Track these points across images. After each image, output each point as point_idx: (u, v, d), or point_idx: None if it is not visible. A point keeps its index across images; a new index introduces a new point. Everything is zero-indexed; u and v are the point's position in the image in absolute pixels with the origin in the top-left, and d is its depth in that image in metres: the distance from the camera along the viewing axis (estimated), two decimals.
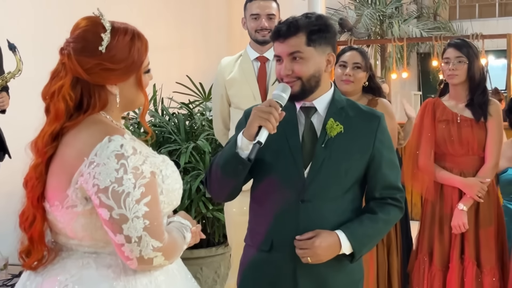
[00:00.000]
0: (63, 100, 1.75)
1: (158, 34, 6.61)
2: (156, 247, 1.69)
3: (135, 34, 1.80)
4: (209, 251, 4.62)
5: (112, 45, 1.74)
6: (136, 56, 1.77)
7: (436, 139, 3.57)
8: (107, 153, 1.66)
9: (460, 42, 3.60)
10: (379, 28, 10.55)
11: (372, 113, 2.31)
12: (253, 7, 3.59)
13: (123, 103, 1.81)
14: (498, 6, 12.76)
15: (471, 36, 7.83)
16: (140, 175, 1.68)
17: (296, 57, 2.17)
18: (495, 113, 3.54)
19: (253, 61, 3.61)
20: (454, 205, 3.50)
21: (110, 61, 1.73)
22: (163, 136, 4.79)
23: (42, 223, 1.79)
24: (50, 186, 1.76)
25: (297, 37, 2.16)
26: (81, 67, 1.73)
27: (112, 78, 1.75)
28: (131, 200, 1.65)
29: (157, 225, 1.69)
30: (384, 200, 2.28)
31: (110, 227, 1.67)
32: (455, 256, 3.47)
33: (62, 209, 1.73)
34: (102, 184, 1.65)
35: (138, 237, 1.66)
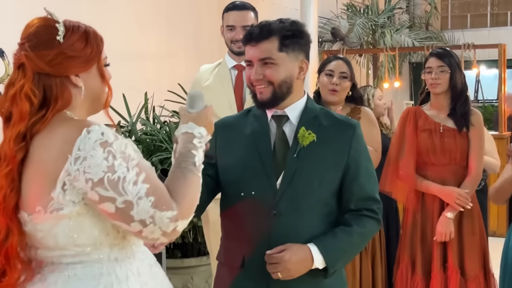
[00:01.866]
0: (26, 98, 1.68)
1: (150, 42, 6.62)
2: (172, 217, 1.62)
3: (88, 28, 1.79)
4: (200, 260, 4.62)
5: (69, 35, 1.72)
6: (94, 45, 1.76)
7: (418, 149, 3.59)
8: (90, 144, 1.61)
9: (442, 52, 3.64)
10: (371, 38, 10.59)
11: (347, 121, 2.24)
12: (230, 18, 3.59)
13: (89, 97, 1.77)
14: (490, 16, 12.84)
15: (462, 46, 7.87)
16: (129, 158, 1.64)
17: (268, 62, 2.12)
18: (477, 123, 3.57)
19: (231, 69, 3.62)
20: (435, 213, 3.52)
21: (70, 49, 1.71)
22: (154, 144, 4.79)
23: (18, 237, 1.68)
24: (28, 193, 1.67)
25: (269, 41, 2.13)
26: (42, 60, 1.69)
27: (75, 67, 1.72)
28: (129, 183, 1.61)
29: (162, 196, 1.63)
30: (359, 211, 2.18)
31: (120, 218, 1.62)
32: (437, 265, 3.48)
33: (45, 214, 1.64)
34: (96, 177, 1.60)
35: (151, 216, 1.61)
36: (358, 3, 11.33)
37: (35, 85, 1.69)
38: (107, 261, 1.72)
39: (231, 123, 2.31)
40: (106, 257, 1.72)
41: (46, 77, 1.70)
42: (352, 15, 10.69)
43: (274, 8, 8.85)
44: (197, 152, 1.76)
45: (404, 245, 3.63)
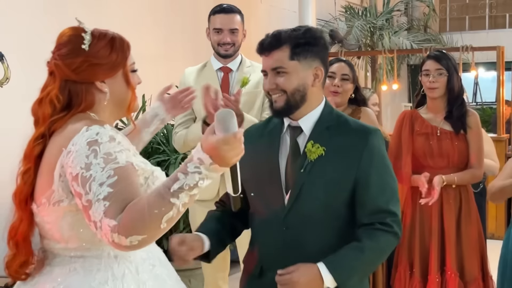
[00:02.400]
0: (50, 103, 1.78)
1: (147, 45, 6.62)
2: (112, 226, 1.58)
3: (115, 35, 1.87)
4: (198, 262, 4.60)
5: (95, 43, 1.80)
6: (119, 52, 1.83)
7: (415, 152, 3.59)
8: (81, 141, 1.67)
9: (439, 54, 3.64)
10: (370, 40, 10.59)
11: (361, 130, 2.18)
12: (216, 21, 3.60)
13: (113, 101, 1.83)
14: (488, 18, 12.85)
15: (461, 48, 7.88)
16: (112, 160, 1.64)
17: (279, 71, 2.12)
18: (474, 124, 3.57)
19: (217, 71, 3.62)
20: (434, 216, 3.52)
21: (95, 57, 1.78)
22: (152, 146, 4.79)
23: (29, 226, 1.78)
24: (38, 186, 1.77)
25: (280, 50, 2.13)
26: (69, 68, 1.78)
27: (100, 73, 1.79)
28: (95, 183, 1.61)
29: (116, 204, 1.60)
30: (372, 225, 2.12)
31: (86, 215, 1.64)
32: (434, 267, 3.48)
33: (49, 207, 1.73)
34: (74, 171, 1.65)
35: (100, 220, 1.60)
36: (356, 5, 11.33)
37: (61, 91, 1.79)
38: (107, 257, 1.78)
39: (253, 133, 2.29)
40: (105, 253, 1.77)
41: (72, 84, 1.79)
42: (351, 17, 10.69)
43: (273, 10, 8.85)
44: (185, 177, 1.59)
45: (402, 248, 3.63)
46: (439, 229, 3.53)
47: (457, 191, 3.56)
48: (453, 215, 3.53)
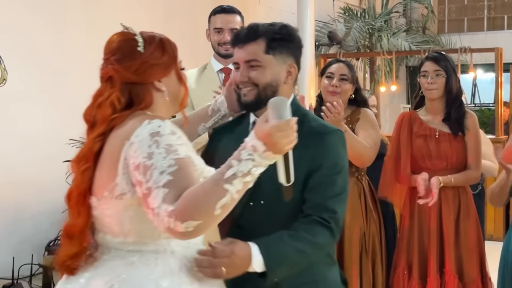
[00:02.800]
0: (110, 105, 1.83)
1: None
2: (169, 211, 1.59)
3: (162, 36, 1.94)
4: None
5: (147, 45, 1.87)
6: (170, 52, 1.91)
7: (414, 154, 3.59)
8: (144, 132, 1.72)
9: (438, 56, 3.63)
10: (368, 41, 10.59)
11: (317, 130, 2.12)
12: (217, 21, 3.60)
13: (170, 98, 1.91)
14: (487, 20, 12.86)
15: (459, 49, 7.89)
16: (173, 152, 1.68)
17: (253, 64, 2.09)
18: (472, 126, 3.57)
19: (218, 72, 3.62)
20: (432, 218, 3.51)
21: (151, 58, 1.86)
22: None
23: (86, 219, 1.82)
24: (98, 179, 1.80)
25: (256, 43, 2.10)
26: (129, 71, 1.84)
27: (157, 73, 1.87)
28: (156, 171, 1.65)
29: (174, 191, 1.62)
30: (310, 217, 2.03)
31: (145, 204, 1.67)
32: (433, 269, 3.48)
33: (111, 200, 1.76)
34: (137, 161, 1.69)
35: (158, 206, 1.62)
36: (355, 6, 11.34)
37: (122, 94, 1.84)
38: (163, 252, 1.80)
39: (223, 130, 2.29)
40: (162, 249, 1.80)
41: (132, 85, 1.86)
42: (349, 18, 10.70)
43: (271, 11, 8.85)
44: (239, 164, 1.62)
45: (401, 250, 3.62)
46: (438, 231, 3.53)
47: (456, 192, 3.56)
48: (451, 216, 3.52)
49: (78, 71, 5.85)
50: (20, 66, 5.27)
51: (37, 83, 5.53)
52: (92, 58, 6.47)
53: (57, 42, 5.75)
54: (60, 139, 5.21)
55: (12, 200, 5.36)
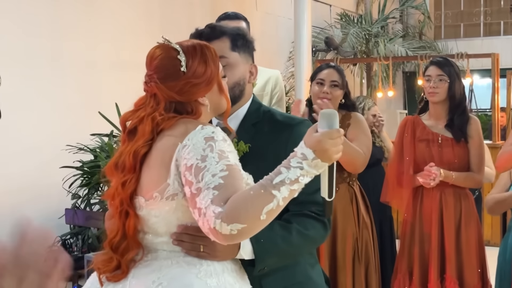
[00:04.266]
0: (152, 121, 1.85)
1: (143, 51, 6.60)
2: (217, 213, 1.61)
3: (202, 46, 1.91)
4: None
5: (190, 63, 1.87)
6: (212, 65, 1.89)
7: (416, 159, 3.58)
8: (198, 136, 1.75)
9: (442, 61, 3.63)
10: (365, 47, 10.61)
11: (286, 122, 2.11)
12: None
13: (212, 109, 1.93)
14: (483, 26, 12.89)
15: (456, 55, 7.90)
16: (225, 158, 1.71)
17: (221, 62, 2.03)
18: (475, 133, 3.57)
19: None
20: (434, 224, 3.50)
21: (195, 77, 1.86)
22: None
23: (136, 220, 1.83)
24: (147, 180, 1.82)
25: (220, 40, 2.09)
26: (172, 91, 1.85)
27: (201, 91, 1.88)
28: (209, 173, 1.67)
29: (224, 194, 1.64)
30: (299, 211, 2.02)
31: (191, 203, 1.70)
32: (434, 275, 3.46)
33: (161, 200, 1.78)
34: (189, 163, 1.71)
35: (206, 207, 1.64)
36: (352, 12, 11.36)
37: (166, 110, 1.86)
38: None
39: None
40: None
41: (178, 103, 1.88)
42: (346, 24, 10.72)
43: (268, 17, 8.86)
44: (287, 171, 1.66)
45: (402, 256, 3.61)
46: (439, 236, 3.52)
47: (457, 198, 3.55)
48: (452, 222, 3.51)
49: (74, 77, 5.84)
50: (16, 71, 5.26)
51: (33, 89, 5.52)
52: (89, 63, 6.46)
53: (54, 47, 5.75)
54: (57, 145, 5.20)
55: (9, 205, 5.35)
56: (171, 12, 7.19)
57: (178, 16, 7.27)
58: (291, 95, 7.94)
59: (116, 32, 6.32)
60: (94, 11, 6.15)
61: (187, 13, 7.46)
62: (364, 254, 3.57)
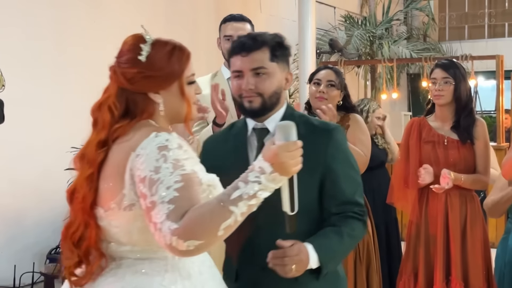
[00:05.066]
0: (108, 110, 1.81)
1: None
2: (172, 229, 1.59)
3: (176, 45, 1.87)
4: None
5: (152, 54, 1.82)
6: (176, 65, 1.83)
7: (422, 160, 3.58)
8: (152, 145, 1.70)
9: (447, 63, 3.63)
10: (369, 49, 10.59)
11: (324, 127, 2.18)
12: (227, 29, 3.62)
13: (168, 114, 1.86)
14: (487, 27, 12.87)
15: (460, 57, 7.89)
16: (180, 167, 1.66)
17: (260, 72, 2.11)
18: (481, 135, 3.56)
19: (228, 80, 3.63)
20: (439, 226, 3.50)
21: (150, 69, 1.80)
22: None
23: (96, 230, 1.79)
24: (104, 190, 1.78)
25: (261, 51, 2.12)
26: (124, 77, 1.81)
27: (152, 85, 1.81)
28: (163, 186, 1.63)
29: (179, 208, 1.61)
30: (344, 213, 2.13)
31: (147, 217, 1.66)
32: (439, 277, 3.45)
33: (119, 211, 1.74)
34: (143, 174, 1.67)
35: (161, 222, 1.61)
36: (356, 14, 11.35)
37: (117, 99, 1.82)
38: (172, 259, 1.79)
39: (216, 138, 2.37)
40: (170, 255, 1.76)
41: (128, 92, 1.82)
42: (350, 26, 10.71)
43: (272, 19, 8.86)
44: (245, 186, 1.64)
45: (407, 257, 3.61)
46: (444, 238, 3.51)
47: (463, 200, 3.55)
48: (458, 224, 3.50)
49: (79, 79, 5.85)
50: (21, 74, 5.27)
51: (38, 91, 5.52)
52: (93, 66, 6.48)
53: (58, 50, 5.76)
54: (62, 147, 5.21)
55: (14, 208, 5.35)
56: (175, 15, 7.20)
57: (183, 18, 7.28)
58: (295, 97, 7.94)
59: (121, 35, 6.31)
60: (99, 14, 6.16)
61: (192, 16, 7.47)
62: (366, 255, 3.57)
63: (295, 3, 8.11)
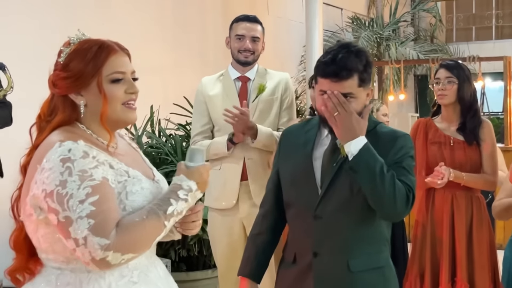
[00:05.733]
0: (38, 118, 1.82)
1: (155, 56, 6.63)
2: (103, 245, 1.60)
3: (95, 44, 1.81)
4: (205, 273, 4.60)
5: (69, 55, 1.79)
6: (90, 63, 1.77)
7: (428, 161, 3.57)
8: (54, 158, 1.66)
9: (451, 64, 3.64)
10: (377, 50, 10.58)
11: (392, 132, 2.37)
12: (239, 28, 3.64)
13: (92, 112, 1.80)
14: (495, 29, 12.83)
15: (468, 58, 7.86)
16: (88, 177, 1.65)
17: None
18: (488, 136, 3.55)
19: (235, 80, 3.63)
20: (445, 227, 3.49)
21: (64, 70, 1.78)
22: (160, 157, 4.78)
23: (21, 232, 1.80)
24: (22, 197, 1.77)
25: (351, 79, 2.24)
26: (51, 82, 1.81)
27: (70, 86, 1.77)
28: (74, 201, 1.61)
29: (102, 222, 1.61)
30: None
31: (61, 232, 1.64)
32: (445, 278, 3.44)
33: (24, 218, 1.75)
34: (49, 189, 1.64)
35: (84, 237, 1.60)
36: (363, 16, 11.34)
37: (48, 105, 1.82)
38: (81, 271, 1.73)
39: (292, 131, 2.52)
40: (79, 267, 1.72)
41: (56, 97, 1.82)
42: (357, 28, 10.70)
43: (280, 21, 8.86)
44: (176, 203, 1.73)
45: (413, 258, 3.60)
46: (450, 239, 3.49)
47: (468, 201, 3.53)
48: (464, 225, 3.49)
49: None
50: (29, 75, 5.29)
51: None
52: None
53: None
54: None
55: None
56: (183, 17, 7.21)
57: (190, 21, 7.29)
58: (303, 98, 7.94)
59: (129, 37, 6.33)
60: (108, 16, 6.17)
61: (199, 18, 7.48)
62: None
63: (303, 4, 8.11)
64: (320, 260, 2.28)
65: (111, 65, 1.80)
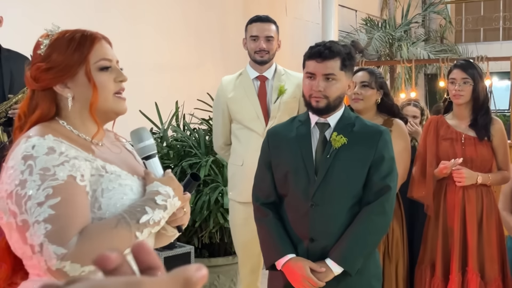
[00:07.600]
0: (18, 118, 1.61)
1: (180, 54, 6.64)
2: (60, 254, 1.37)
3: (78, 32, 1.60)
4: (226, 259, 4.59)
5: (50, 45, 1.58)
6: (76, 52, 1.57)
7: (440, 157, 3.53)
8: (18, 155, 1.46)
9: (465, 64, 3.59)
10: (389, 50, 10.51)
11: (376, 128, 2.44)
12: (253, 29, 3.61)
13: (81, 104, 1.59)
14: (502, 30, 12.68)
15: (476, 58, 7.76)
16: (50, 177, 1.42)
17: (330, 78, 2.33)
18: (499, 132, 3.51)
19: (253, 80, 3.62)
20: (456, 218, 3.46)
21: (46, 61, 1.56)
22: (184, 150, 4.79)
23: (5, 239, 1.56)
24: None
25: (334, 60, 2.34)
26: (31, 77, 1.58)
27: (54, 77, 1.56)
28: (33, 203, 1.40)
29: (61, 229, 1.39)
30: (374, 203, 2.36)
31: (19, 236, 1.42)
32: (456, 268, 3.41)
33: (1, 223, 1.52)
34: (9, 188, 1.44)
35: (39, 244, 1.38)
36: (376, 17, 11.26)
37: (29, 102, 1.60)
38: None
39: (279, 130, 2.55)
40: None
41: (37, 93, 1.59)
42: (371, 29, 10.63)
43: (297, 22, 8.82)
44: (153, 211, 1.50)
45: (425, 248, 3.57)
46: (461, 231, 3.46)
47: (479, 193, 3.50)
48: (475, 217, 3.46)
49: None
50: None
51: None
52: (130, 65, 6.51)
53: None
54: None
55: None
56: (206, 18, 7.20)
57: (213, 22, 7.28)
58: None
59: (153, 37, 6.34)
60: (136, 15, 6.19)
61: (221, 19, 7.47)
62: (395, 252, 3.47)
63: (319, 6, 8.07)
64: (317, 245, 2.36)
65: (97, 52, 1.60)
